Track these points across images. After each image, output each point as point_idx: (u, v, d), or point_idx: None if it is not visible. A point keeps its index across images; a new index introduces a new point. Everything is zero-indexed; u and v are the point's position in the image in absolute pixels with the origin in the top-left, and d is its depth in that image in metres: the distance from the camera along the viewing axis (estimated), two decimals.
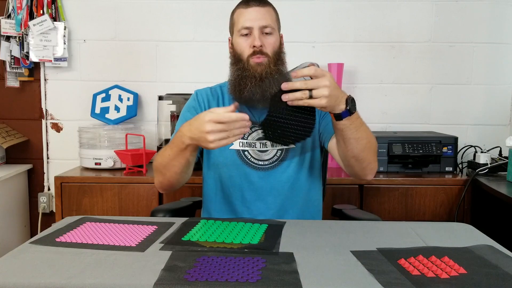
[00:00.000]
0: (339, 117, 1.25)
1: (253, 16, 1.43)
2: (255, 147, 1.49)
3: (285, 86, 1.16)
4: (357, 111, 1.29)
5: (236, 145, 1.49)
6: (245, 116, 1.16)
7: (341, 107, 1.23)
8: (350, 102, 1.24)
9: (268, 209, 1.49)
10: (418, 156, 2.22)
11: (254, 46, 1.42)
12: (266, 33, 1.44)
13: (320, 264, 1.03)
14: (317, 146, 1.55)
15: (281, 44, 1.50)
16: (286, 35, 1.56)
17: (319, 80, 1.17)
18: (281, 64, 1.47)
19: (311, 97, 1.17)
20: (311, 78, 1.20)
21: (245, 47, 1.44)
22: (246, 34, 1.44)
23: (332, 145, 1.46)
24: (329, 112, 1.26)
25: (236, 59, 1.47)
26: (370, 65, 2.52)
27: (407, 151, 2.21)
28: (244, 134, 1.47)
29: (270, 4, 1.49)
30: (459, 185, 2.14)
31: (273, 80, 1.40)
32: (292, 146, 1.48)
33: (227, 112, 1.17)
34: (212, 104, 1.54)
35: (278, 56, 1.47)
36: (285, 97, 1.16)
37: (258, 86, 1.41)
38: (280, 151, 1.49)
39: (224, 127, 1.16)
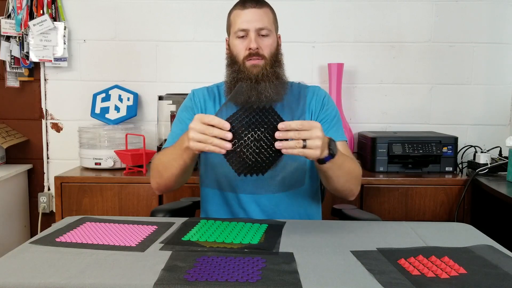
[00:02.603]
0: (322, 161, 1.24)
1: (249, 18, 1.43)
2: None
3: (282, 126, 1.12)
4: (338, 150, 1.28)
5: None
6: (226, 125, 1.13)
7: (325, 152, 1.22)
8: (333, 147, 1.23)
9: (263, 211, 1.49)
10: (418, 156, 2.22)
11: (250, 49, 1.42)
12: (263, 35, 1.44)
13: (320, 264, 1.03)
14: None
15: (278, 46, 1.49)
16: (286, 35, 1.56)
17: (312, 131, 1.15)
18: (278, 66, 1.46)
19: (304, 147, 1.15)
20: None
21: (241, 49, 1.44)
22: (243, 36, 1.44)
23: None
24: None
25: (232, 60, 1.47)
26: (370, 65, 2.52)
27: (407, 151, 2.21)
28: None
29: (267, 5, 1.48)
30: (459, 185, 2.14)
31: (271, 86, 1.40)
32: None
33: (215, 118, 1.15)
34: (209, 104, 1.54)
35: (275, 58, 1.46)
36: (278, 145, 1.13)
37: (254, 88, 1.41)
38: None
39: (204, 128, 1.14)
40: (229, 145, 1.13)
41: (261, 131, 1.14)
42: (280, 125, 1.13)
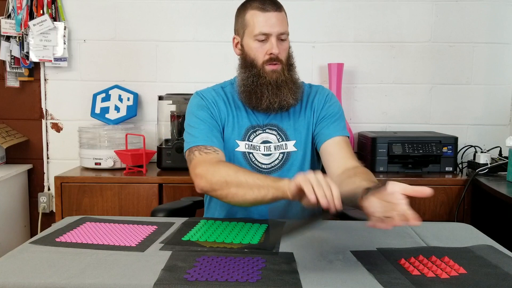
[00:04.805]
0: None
1: (271, 22, 1.41)
2: (259, 150, 1.48)
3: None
4: None
5: (242, 147, 1.48)
6: (338, 203, 1.03)
7: None
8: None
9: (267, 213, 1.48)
10: (418, 156, 2.22)
11: (271, 54, 1.42)
12: (281, 39, 1.44)
13: (320, 264, 1.03)
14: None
15: (289, 47, 1.50)
16: None
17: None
18: (292, 70, 1.48)
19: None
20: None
21: (260, 53, 1.43)
22: (262, 40, 1.42)
23: (324, 150, 1.48)
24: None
25: (249, 63, 1.46)
26: (370, 65, 2.52)
27: (407, 151, 2.21)
28: (250, 136, 1.47)
29: (283, 7, 1.47)
30: (459, 185, 2.14)
31: (291, 92, 1.43)
32: (294, 149, 1.47)
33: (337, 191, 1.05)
34: (220, 104, 1.51)
35: (290, 61, 1.48)
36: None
37: (276, 94, 1.43)
38: (282, 154, 1.48)
39: (325, 186, 1.05)
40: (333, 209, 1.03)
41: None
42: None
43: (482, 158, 2.23)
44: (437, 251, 1.11)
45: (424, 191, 0.99)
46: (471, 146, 2.43)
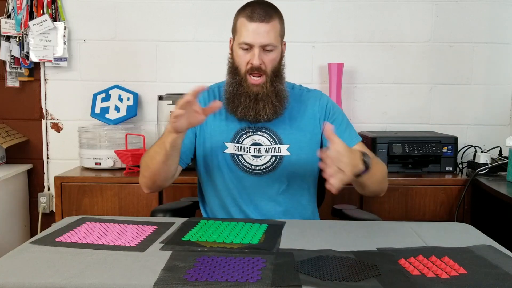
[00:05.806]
0: (359, 175, 1.26)
1: (256, 33, 1.39)
2: (249, 152, 1.48)
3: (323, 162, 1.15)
4: (371, 159, 1.30)
5: (231, 149, 1.48)
6: (190, 98, 1.22)
7: (360, 167, 1.24)
8: (366, 160, 1.26)
9: (261, 214, 1.48)
10: (418, 156, 2.22)
11: (252, 64, 1.41)
12: (267, 50, 1.41)
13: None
14: (317, 153, 1.54)
15: (281, 57, 1.47)
16: (286, 35, 1.54)
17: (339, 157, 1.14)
18: (278, 82, 1.45)
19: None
20: None
21: (243, 61, 1.42)
22: (246, 49, 1.41)
23: None
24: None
25: (233, 69, 1.46)
26: (370, 65, 2.52)
27: (407, 151, 2.21)
28: (239, 139, 1.47)
29: (275, 16, 1.43)
30: (459, 185, 2.14)
31: (269, 106, 1.43)
32: (287, 153, 1.48)
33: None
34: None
35: (277, 72, 1.45)
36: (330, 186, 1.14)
37: (252, 108, 1.43)
38: (275, 158, 1.48)
39: (182, 111, 1.23)
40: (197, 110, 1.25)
41: None
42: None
43: (482, 158, 2.23)
44: (437, 251, 1.11)
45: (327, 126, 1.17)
46: (471, 146, 2.43)
